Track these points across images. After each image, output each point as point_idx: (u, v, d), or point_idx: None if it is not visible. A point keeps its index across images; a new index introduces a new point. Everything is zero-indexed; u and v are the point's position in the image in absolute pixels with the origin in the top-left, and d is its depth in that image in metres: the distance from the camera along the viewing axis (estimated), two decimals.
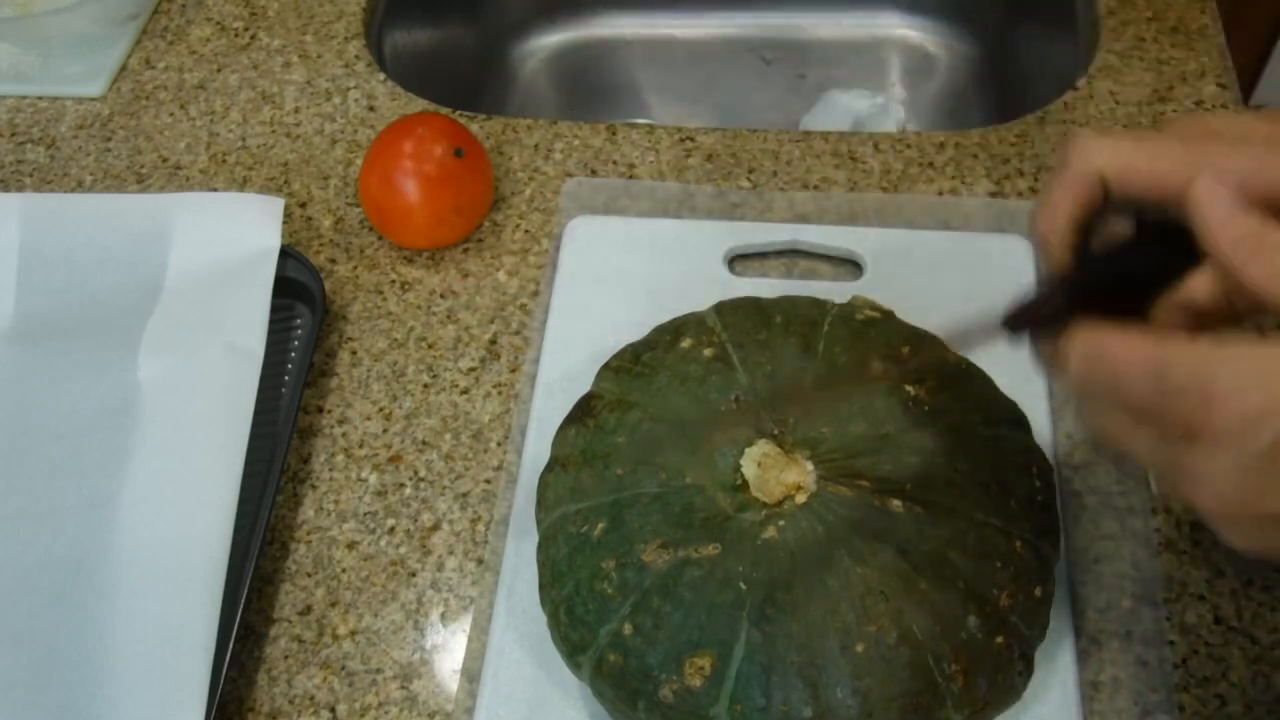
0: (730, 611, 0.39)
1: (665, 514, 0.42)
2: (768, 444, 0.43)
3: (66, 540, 0.52)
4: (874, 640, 0.38)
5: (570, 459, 0.46)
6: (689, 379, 0.45)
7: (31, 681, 0.48)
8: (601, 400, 0.47)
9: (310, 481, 0.56)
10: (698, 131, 0.68)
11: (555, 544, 0.44)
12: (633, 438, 0.44)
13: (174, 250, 0.61)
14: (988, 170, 0.65)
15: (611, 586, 0.41)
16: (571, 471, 0.45)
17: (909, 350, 0.45)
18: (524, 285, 0.62)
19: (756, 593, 0.40)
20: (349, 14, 0.78)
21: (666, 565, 0.41)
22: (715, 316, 0.48)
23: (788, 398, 0.44)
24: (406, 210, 0.61)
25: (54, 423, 0.56)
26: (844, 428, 0.43)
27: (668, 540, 0.41)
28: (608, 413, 0.46)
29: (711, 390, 0.45)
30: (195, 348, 0.57)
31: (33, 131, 0.73)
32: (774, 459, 0.42)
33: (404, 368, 0.60)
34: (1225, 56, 0.70)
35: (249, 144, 0.71)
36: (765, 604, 0.39)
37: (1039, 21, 0.85)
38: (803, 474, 0.42)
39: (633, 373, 0.47)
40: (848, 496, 0.41)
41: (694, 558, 0.41)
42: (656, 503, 0.42)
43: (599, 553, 0.42)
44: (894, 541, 0.40)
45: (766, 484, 0.42)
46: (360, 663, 0.50)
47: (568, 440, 0.47)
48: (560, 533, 0.44)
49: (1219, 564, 0.50)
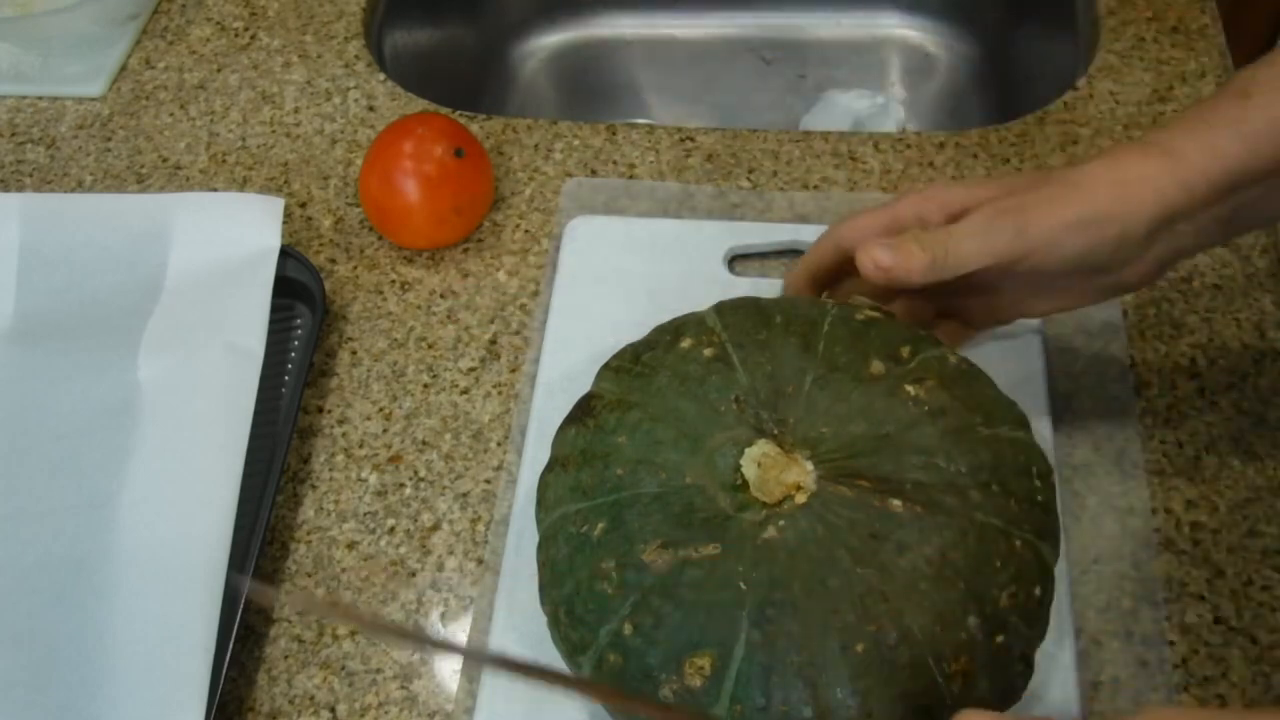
0: (730, 611, 0.39)
1: (665, 514, 0.42)
2: (768, 444, 0.43)
3: (66, 540, 0.52)
4: (874, 640, 0.38)
5: (570, 459, 0.46)
6: (689, 379, 0.45)
7: (31, 681, 0.48)
8: (601, 400, 0.47)
9: (310, 481, 0.56)
10: (698, 131, 0.68)
11: (555, 544, 0.44)
12: (633, 438, 0.44)
13: (174, 250, 0.61)
14: (988, 170, 0.65)
15: (611, 586, 0.41)
16: (571, 471, 0.45)
17: (909, 350, 0.45)
18: (524, 285, 0.62)
19: (757, 593, 0.39)
20: (349, 14, 0.78)
21: (667, 565, 0.41)
22: (715, 316, 0.48)
23: (788, 398, 0.44)
24: (406, 210, 0.61)
25: (54, 423, 0.56)
26: (844, 428, 0.43)
27: (668, 540, 0.41)
28: (608, 413, 0.46)
29: (711, 390, 0.45)
30: (195, 348, 0.57)
31: (33, 131, 0.73)
32: (774, 459, 0.42)
33: (404, 368, 0.60)
34: (1225, 56, 0.70)
35: (249, 144, 0.71)
36: (765, 604, 0.39)
37: (1039, 21, 0.85)
38: (803, 474, 0.42)
39: (633, 373, 0.47)
40: (848, 496, 0.41)
41: (694, 558, 0.41)
42: (656, 503, 0.42)
43: (599, 553, 0.42)
44: (894, 541, 0.40)
45: (766, 484, 0.42)
46: (360, 663, 0.50)
47: (568, 440, 0.47)
48: (560, 533, 0.44)
49: (1219, 564, 0.50)
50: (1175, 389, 0.55)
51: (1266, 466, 0.53)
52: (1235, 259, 0.60)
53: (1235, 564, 0.50)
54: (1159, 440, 0.54)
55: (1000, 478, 0.42)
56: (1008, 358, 0.55)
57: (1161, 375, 0.56)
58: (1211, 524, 0.51)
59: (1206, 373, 0.56)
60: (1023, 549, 0.41)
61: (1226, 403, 0.55)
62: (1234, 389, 0.55)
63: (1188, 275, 0.59)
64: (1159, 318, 0.58)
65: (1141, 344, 0.57)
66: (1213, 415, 0.54)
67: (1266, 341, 0.57)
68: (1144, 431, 0.54)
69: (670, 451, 0.43)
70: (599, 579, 0.42)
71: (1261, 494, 0.52)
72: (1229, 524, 0.51)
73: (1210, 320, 0.58)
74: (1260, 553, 0.50)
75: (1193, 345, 0.57)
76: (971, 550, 0.40)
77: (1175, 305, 0.58)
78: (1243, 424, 0.54)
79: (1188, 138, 0.43)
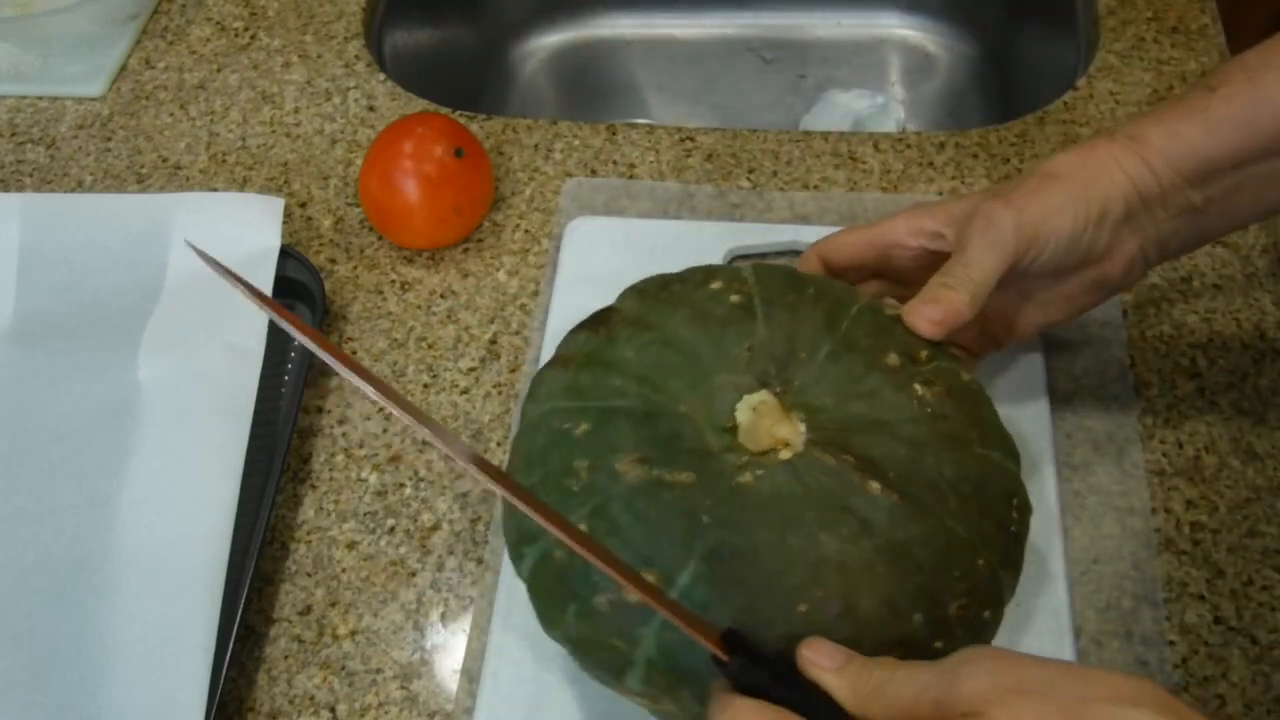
0: (686, 540, 0.40)
1: (651, 433, 0.42)
2: (767, 394, 0.43)
3: (66, 540, 0.52)
4: (819, 605, 0.39)
5: (573, 359, 0.46)
6: (710, 319, 0.46)
7: (31, 681, 0.48)
8: (620, 314, 0.47)
9: (310, 481, 0.56)
10: (698, 131, 0.68)
11: (534, 434, 0.45)
12: (641, 355, 0.45)
13: (174, 250, 0.61)
14: (988, 170, 0.65)
15: (578, 484, 0.42)
16: (571, 371, 0.46)
17: (927, 355, 0.45)
18: (524, 285, 0.62)
19: (717, 530, 0.40)
20: (349, 14, 0.78)
21: (638, 479, 0.41)
22: (751, 271, 0.48)
23: (799, 362, 0.44)
24: (406, 210, 0.61)
25: (54, 423, 0.56)
26: (845, 404, 0.43)
27: (645, 457, 0.41)
28: (623, 326, 0.46)
29: (729, 334, 0.45)
30: (195, 348, 0.57)
31: (33, 131, 0.73)
32: (770, 409, 0.43)
33: (404, 368, 0.60)
34: (1225, 56, 0.70)
35: (249, 144, 0.71)
36: (721, 543, 0.39)
37: (1039, 21, 0.85)
38: (794, 431, 0.42)
39: (659, 298, 0.48)
40: (831, 465, 0.41)
41: (666, 479, 0.41)
42: (645, 421, 0.43)
43: (575, 451, 0.42)
44: (864, 520, 0.40)
45: (756, 431, 0.42)
46: (360, 663, 0.50)
47: (576, 342, 0.47)
48: (543, 425, 0.44)
49: (1219, 564, 0.50)
50: (1175, 389, 0.55)
51: (1266, 466, 0.53)
52: (1235, 259, 0.60)
53: (1235, 564, 0.50)
54: (1159, 440, 0.54)
55: (981, 496, 0.42)
56: (1008, 358, 0.56)
57: (1161, 375, 0.56)
58: (1211, 524, 0.51)
59: (1206, 373, 0.56)
60: (983, 569, 0.41)
61: (1226, 403, 0.55)
62: (1234, 389, 0.55)
63: (1188, 275, 0.59)
64: (1159, 318, 0.58)
65: (1141, 344, 0.57)
66: (1213, 415, 0.54)
67: (1266, 341, 0.57)
68: (1144, 431, 0.54)
69: (673, 378, 0.44)
70: (567, 475, 0.42)
71: (1261, 494, 0.52)
72: (1229, 524, 0.51)
73: (1210, 320, 0.58)
74: (1260, 553, 0.50)
75: (1193, 345, 0.57)
76: (936, 552, 0.40)
77: (1175, 305, 0.58)
78: (1243, 424, 0.54)
79: (1152, 125, 0.46)
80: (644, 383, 0.44)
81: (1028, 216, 0.45)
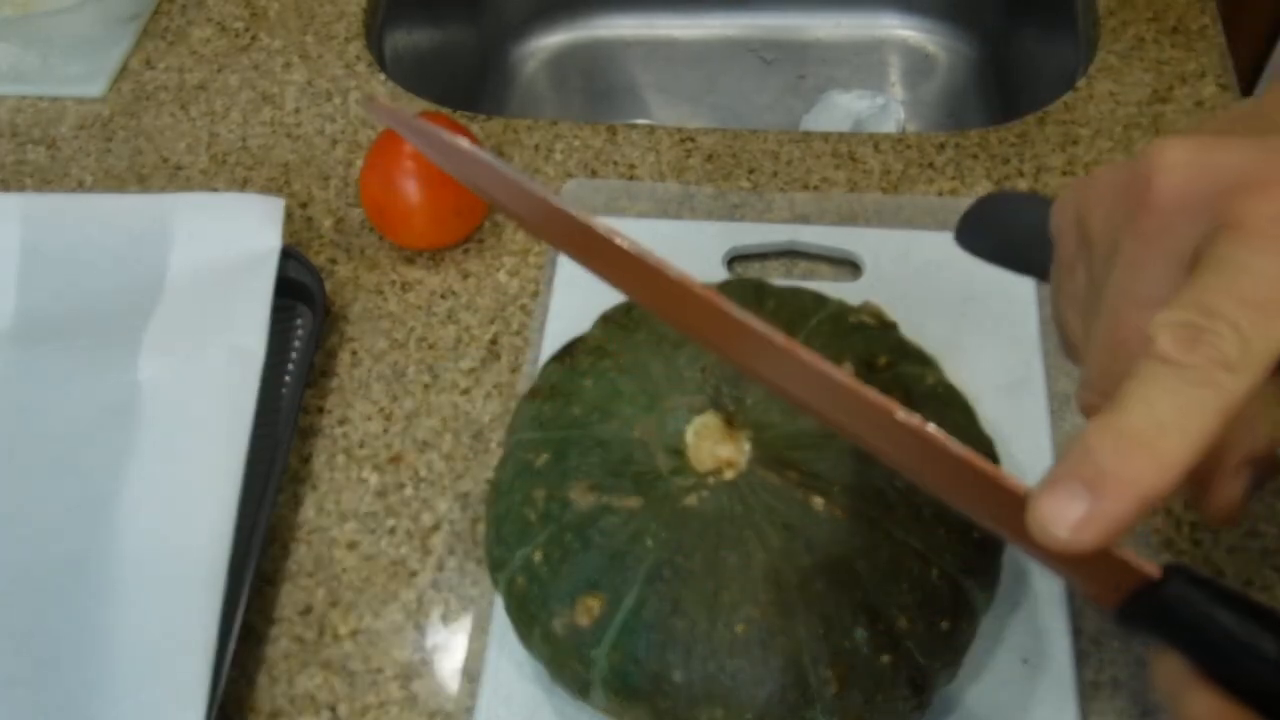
0: (631, 564, 0.41)
1: (604, 460, 0.43)
2: (713, 416, 0.44)
3: (66, 540, 0.52)
4: (755, 624, 0.39)
5: (541, 390, 0.47)
6: (665, 341, 0.46)
7: (31, 681, 0.48)
8: (584, 344, 0.48)
9: (310, 481, 0.56)
10: (698, 132, 0.68)
11: (506, 465, 0.46)
12: (598, 383, 0.46)
13: (174, 250, 0.61)
14: (988, 171, 0.65)
15: (535, 514, 0.43)
16: (538, 402, 0.47)
17: (885, 362, 0.45)
18: (524, 286, 0.62)
19: (660, 553, 0.40)
20: (349, 14, 0.78)
21: (588, 506, 0.42)
22: (715, 289, 0.49)
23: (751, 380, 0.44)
24: (407, 210, 0.61)
25: (54, 423, 0.56)
26: (793, 420, 0.43)
27: (597, 484, 0.42)
28: (584, 355, 0.47)
29: (683, 355, 0.46)
30: (196, 348, 0.57)
31: (33, 132, 0.73)
32: (713, 430, 0.43)
33: (404, 368, 0.60)
34: (1225, 57, 0.70)
35: (249, 144, 0.71)
36: (663, 564, 0.40)
37: (1039, 22, 0.85)
38: (737, 452, 0.43)
39: (620, 324, 0.48)
40: (774, 484, 0.42)
41: (614, 505, 0.42)
42: (600, 448, 0.44)
43: (535, 481, 0.44)
44: (804, 536, 0.40)
45: (700, 453, 0.43)
46: (361, 663, 0.50)
47: (547, 373, 0.49)
48: (512, 456, 0.46)
49: (1219, 564, 0.50)
50: None
51: None
52: None
53: (1235, 564, 0.50)
54: None
55: (937, 503, 0.41)
56: (1007, 359, 0.56)
57: None
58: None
59: None
60: (939, 579, 0.40)
61: None
62: None
63: None
64: None
65: None
66: None
67: None
68: None
69: (627, 404, 0.45)
70: (527, 505, 0.43)
71: (1262, 494, 0.52)
72: None
73: None
74: (1260, 553, 0.50)
75: None
76: (879, 565, 0.40)
77: None
78: None
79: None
80: (599, 411, 0.45)
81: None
